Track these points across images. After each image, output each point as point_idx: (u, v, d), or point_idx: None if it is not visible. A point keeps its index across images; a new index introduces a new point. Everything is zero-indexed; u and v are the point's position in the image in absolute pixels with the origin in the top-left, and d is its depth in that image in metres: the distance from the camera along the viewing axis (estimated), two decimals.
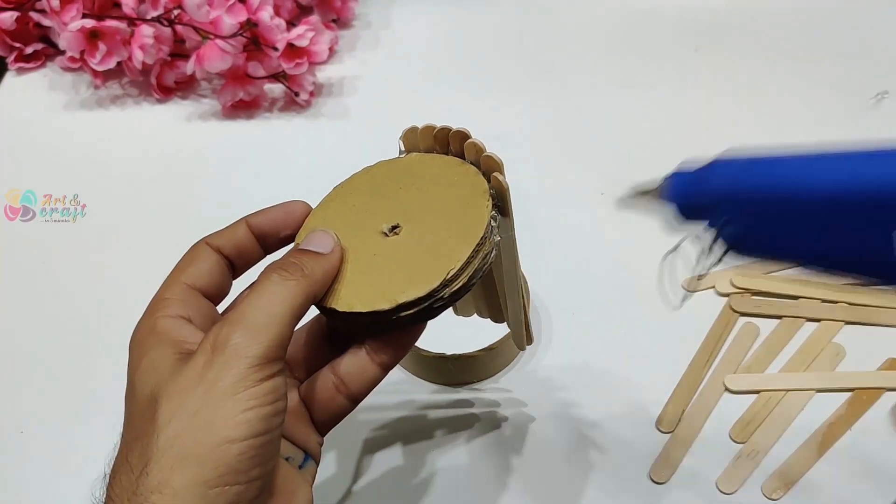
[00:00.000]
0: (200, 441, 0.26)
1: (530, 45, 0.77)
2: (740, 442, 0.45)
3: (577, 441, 0.46)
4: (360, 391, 0.32)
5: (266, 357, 0.27)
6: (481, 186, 0.33)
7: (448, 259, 0.31)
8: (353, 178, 0.37)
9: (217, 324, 0.28)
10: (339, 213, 0.35)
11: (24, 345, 0.53)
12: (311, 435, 0.33)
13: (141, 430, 0.27)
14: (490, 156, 0.33)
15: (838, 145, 0.29)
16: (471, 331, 0.45)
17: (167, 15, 0.68)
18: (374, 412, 0.48)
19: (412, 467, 0.45)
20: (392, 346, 0.32)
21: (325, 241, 0.32)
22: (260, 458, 0.27)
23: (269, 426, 0.27)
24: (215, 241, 0.33)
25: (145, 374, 0.28)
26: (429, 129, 0.36)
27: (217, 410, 0.26)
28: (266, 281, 0.29)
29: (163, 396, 0.27)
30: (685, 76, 0.72)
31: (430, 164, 0.36)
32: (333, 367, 0.32)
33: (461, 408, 0.48)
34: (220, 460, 0.26)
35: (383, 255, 0.32)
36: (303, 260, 0.31)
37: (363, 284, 0.32)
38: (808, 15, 0.78)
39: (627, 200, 0.35)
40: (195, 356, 0.28)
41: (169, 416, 0.26)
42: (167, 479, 0.25)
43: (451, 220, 0.33)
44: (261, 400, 0.27)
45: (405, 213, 0.34)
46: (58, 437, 0.47)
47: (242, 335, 0.27)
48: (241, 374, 0.27)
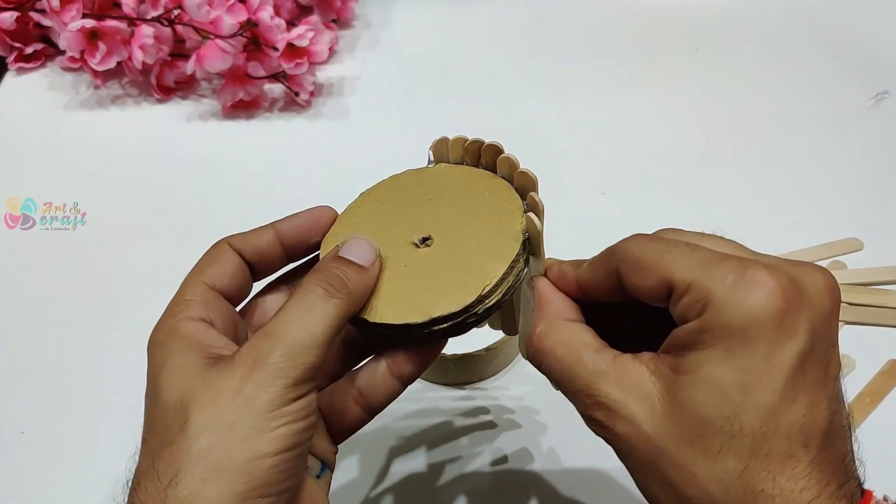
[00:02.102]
0: (234, 454, 0.26)
1: (530, 46, 0.77)
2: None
3: (578, 440, 0.46)
4: (378, 404, 0.32)
5: (304, 378, 0.27)
6: (515, 202, 0.33)
7: (482, 274, 0.31)
8: (379, 185, 0.36)
9: (258, 336, 0.28)
10: (366, 221, 0.34)
11: (25, 347, 0.53)
12: (326, 444, 0.32)
13: (169, 438, 0.26)
14: (525, 172, 0.33)
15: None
16: (471, 331, 0.45)
17: (167, 15, 0.68)
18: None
19: (412, 467, 0.45)
20: (412, 360, 0.32)
21: (367, 252, 0.31)
22: (291, 471, 0.27)
23: (300, 440, 0.27)
24: (238, 243, 0.33)
25: (171, 379, 0.28)
26: (459, 141, 0.35)
27: (253, 425, 0.26)
28: (311, 294, 0.29)
29: (196, 405, 0.27)
30: (685, 77, 0.72)
31: (460, 175, 0.35)
32: (352, 379, 0.32)
33: (462, 407, 0.48)
34: (252, 473, 0.26)
35: (414, 267, 0.32)
36: (347, 274, 0.30)
37: (395, 296, 0.31)
38: (808, 15, 0.78)
39: None
40: (232, 367, 0.27)
41: (202, 426, 0.26)
42: (199, 491, 0.25)
43: (483, 235, 0.32)
44: (294, 416, 0.27)
45: (436, 224, 0.33)
46: (58, 439, 0.47)
47: (284, 355, 0.27)
48: (279, 393, 0.27)
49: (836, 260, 0.54)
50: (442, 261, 0.32)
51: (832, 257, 0.55)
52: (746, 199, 0.60)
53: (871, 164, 0.62)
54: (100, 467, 0.42)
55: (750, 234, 0.57)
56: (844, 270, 0.54)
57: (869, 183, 0.60)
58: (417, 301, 0.30)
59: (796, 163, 0.63)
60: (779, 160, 0.63)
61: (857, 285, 0.52)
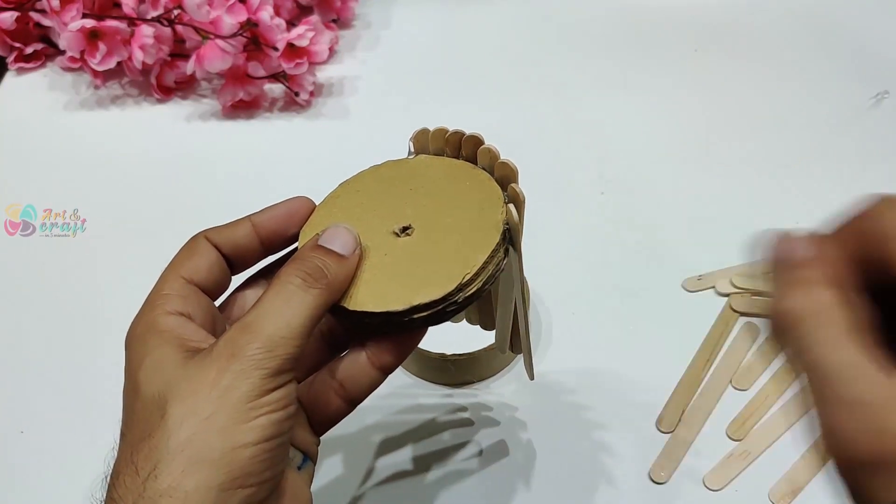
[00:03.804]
0: (214, 445, 0.26)
1: (530, 45, 0.77)
2: (737, 440, 0.45)
3: (578, 441, 0.46)
4: (358, 394, 0.32)
5: (282, 369, 0.27)
6: (495, 192, 0.33)
7: (463, 263, 0.31)
8: (360, 175, 0.37)
9: (236, 327, 0.28)
10: (346, 211, 0.35)
11: (26, 353, 0.53)
12: (308, 436, 0.32)
13: (147, 431, 0.26)
14: (505, 162, 0.33)
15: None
16: (471, 331, 0.45)
17: (167, 15, 0.68)
18: (373, 413, 0.48)
19: (412, 467, 0.45)
20: (393, 350, 0.32)
21: (347, 241, 0.31)
22: (271, 462, 0.27)
23: (280, 430, 0.27)
24: (214, 237, 0.33)
25: (150, 373, 0.28)
26: (440, 132, 0.35)
27: (231, 416, 0.26)
28: (289, 285, 0.29)
29: (174, 398, 0.27)
30: (685, 76, 0.72)
31: (440, 166, 0.35)
32: (332, 370, 0.32)
33: (461, 407, 0.48)
34: (232, 464, 0.26)
35: (395, 256, 0.32)
36: (326, 263, 0.30)
37: (375, 284, 0.31)
38: (808, 15, 0.78)
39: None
40: (209, 360, 0.27)
41: (180, 419, 0.26)
42: (178, 483, 0.25)
43: (463, 224, 0.32)
44: (273, 406, 0.27)
45: (416, 214, 0.34)
46: (58, 440, 0.47)
47: (262, 347, 0.27)
48: (257, 384, 0.27)
49: None
50: (422, 250, 0.32)
51: None
52: (746, 199, 0.60)
53: (872, 164, 0.62)
54: (100, 468, 0.42)
55: (750, 234, 0.57)
56: None
57: (869, 183, 0.60)
58: (398, 289, 0.31)
59: (796, 163, 0.63)
60: (779, 160, 0.63)
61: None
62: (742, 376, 0.48)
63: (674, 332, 0.51)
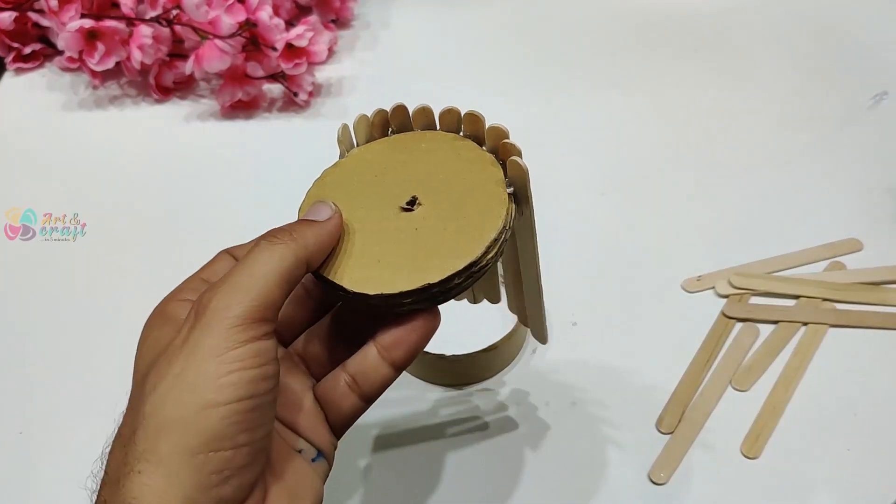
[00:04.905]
0: (184, 403, 0.25)
1: (530, 45, 0.77)
2: (752, 457, 0.44)
3: (577, 441, 0.46)
4: (372, 390, 0.32)
5: (249, 317, 0.27)
6: (490, 160, 0.34)
7: (474, 238, 0.31)
8: (357, 153, 0.38)
9: (204, 290, 0.28)
10: (345, 189, 0.35)
11: (26, 356, 0.53)
12: (325, 435, 0.32)
13: (132, 403, 0.27)
14: (497, 126, 0.34)
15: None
16: (471, 331, 0.45)
17: (166, 15, 0.68)
18: (372, 412, 0.47)
19: (412, 467, 0.45)
20: (403, 344, 0.32)
21: (321, 209, 0.32)
22: (246, 424, 0.26)
23: (255, 390, 0.27)
24: (237, 252, 0.33)
25: (146, 351, 0.29)
26: (423, 111, 0.37)
27: (199, 372, 0.26)
28: (254, 248, 0.29)
29: (153, 366, 0.27)
30: (685, 76, 0.72)
31: (432, 140, 0.37)
32: (345, 365, 0.32)
33: (461, 408, 0.48)
34: (203, 424, 0.25)
35: (404, 231, 0.32)
36: (293, 227, 0.30)
37: (377, 261, 0.31)
38: (807, 15, 0.78)
39: None
40: (182, 323, 0.28)
41: (154, 382, 0.26)
42: (153, 447, 0.25)
43: (468, 192, 0.33)
44: (246, 363, 0.26)
45: (419, 188, 0.34)
46: (57, 443, 0.47)
47: (224, 296, 0.27)
48: (223, 335, 0.26)
49: (836, 260, 0.54)
50: (430, 225, 0.32)
51: (832, 257, 0.54)
52: (746, 199, 0.60)
53: (871, 164, 0.62)
54: (99, 469, 0.42)
55: (750, 234, 0.57)
56: (844, 270, 0.54)
57: (869, 183, 0.60)
58: (420, 263, 0.31)
59: (796, 162, 0.63)
60: (778, 160, 0.63)
61: (858, 285, 0.52)
62: (742, 377, 0.48)
63: (674, 333, 0.51)
